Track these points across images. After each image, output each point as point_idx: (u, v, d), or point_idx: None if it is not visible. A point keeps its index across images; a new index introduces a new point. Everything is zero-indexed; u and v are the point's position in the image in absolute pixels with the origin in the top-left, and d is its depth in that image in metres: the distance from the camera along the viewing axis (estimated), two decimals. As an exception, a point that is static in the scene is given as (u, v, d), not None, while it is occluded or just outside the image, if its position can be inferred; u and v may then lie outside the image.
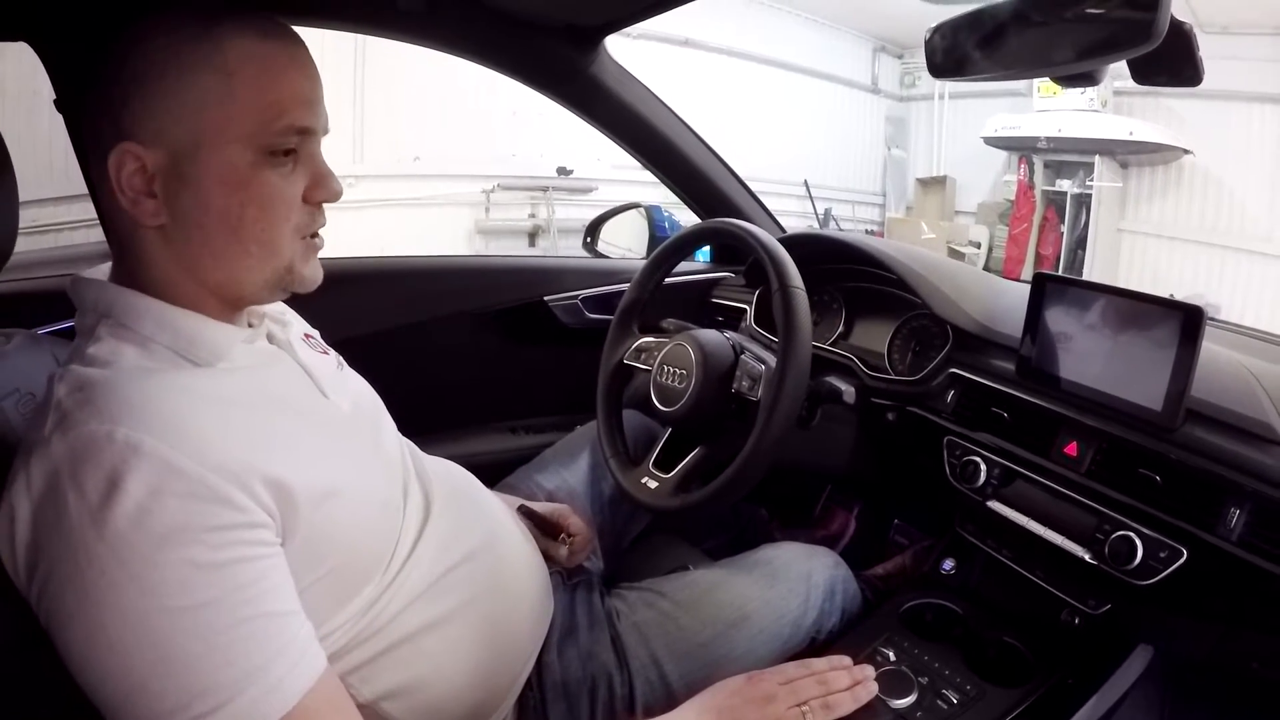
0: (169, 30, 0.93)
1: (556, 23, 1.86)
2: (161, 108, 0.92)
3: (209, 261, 1.00)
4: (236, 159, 0.95)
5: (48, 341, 1.24)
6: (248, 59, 0.94)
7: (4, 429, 1.06)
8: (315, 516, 0.96)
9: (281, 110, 0.96)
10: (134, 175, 0.93)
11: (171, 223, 0.97)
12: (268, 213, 0.98)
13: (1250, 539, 1.16)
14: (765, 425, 1.43)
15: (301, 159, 1.01)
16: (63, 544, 0.81)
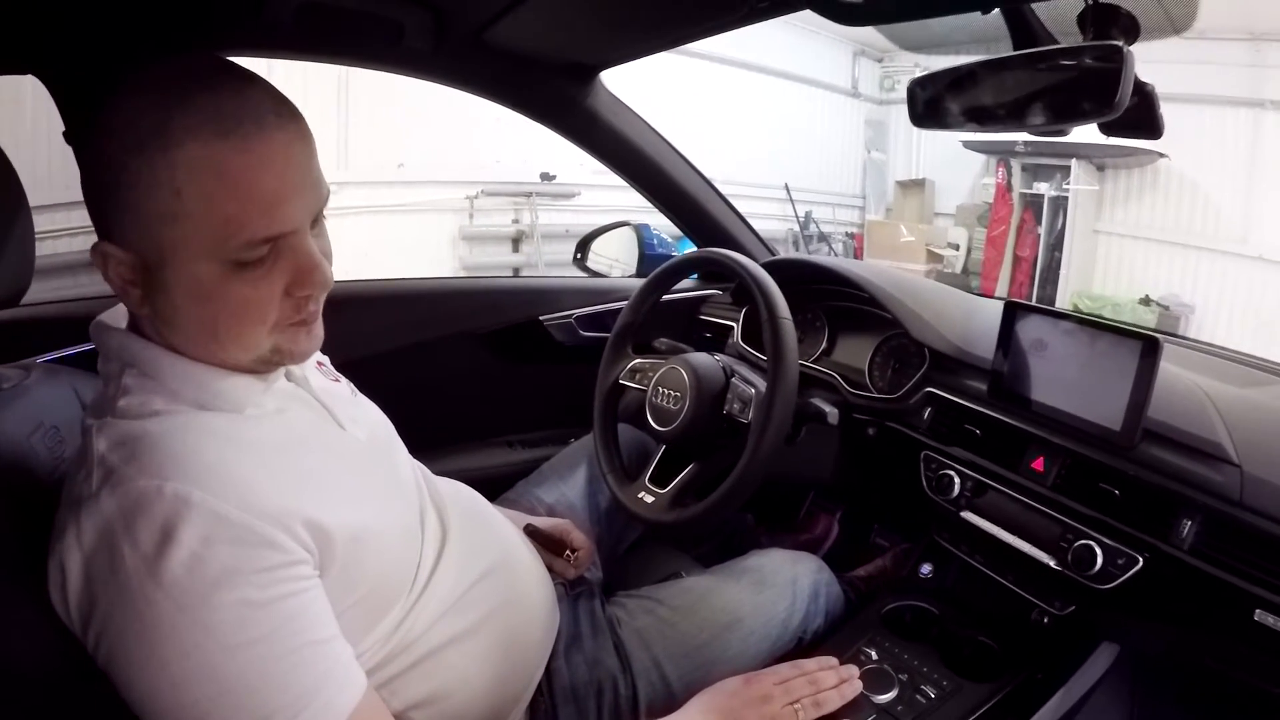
0: (122, 132, 0.87)
1: (558, 60, 1.93)
2: (125, 220, 0.90)
3: (193, 350, 0.99)
4: (202, 273, 0.91)
5: (65, 373, 1.27)
6: (198, 171, 0.87)
7: (34, 464, 1.08)
8: (348, 551, 1.00)
9: (240, 224, 0.89)
10: (118, 267, 0.93)
11: (154, 315, 0.97)
12: (240, 319, 0.96)
13: (1201, 548, 1.25)
14: (756, 446, 1.52)
15: (282, 255, 0.95)
16: (119, 592, 0.84)
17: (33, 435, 1.10)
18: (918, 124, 1.38)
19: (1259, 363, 1.77)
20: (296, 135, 0.93)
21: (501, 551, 1.36)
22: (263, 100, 0.91)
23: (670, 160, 2.32)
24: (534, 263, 9.20)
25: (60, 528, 0.88)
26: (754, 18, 1.48)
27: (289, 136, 0.92)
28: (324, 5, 1.55)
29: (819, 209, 12.15)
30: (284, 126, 0.92)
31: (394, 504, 1.17)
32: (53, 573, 0.88)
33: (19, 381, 1.16)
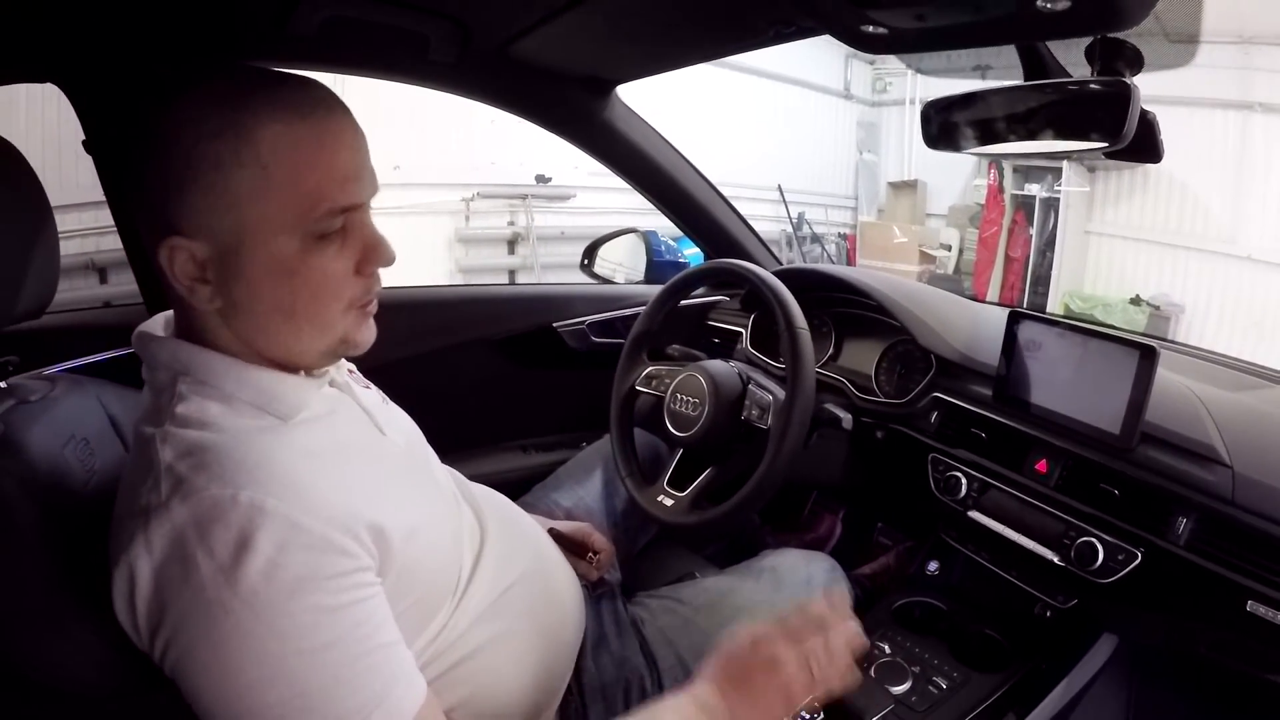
0: (197, 123, 0.91)
1: (577, 74, 1.96)
2: (202, 204, 0.92)
3: (264, 339, 1.01)
4: (283, 249, 0.94)
5: (90, 384, 1.27)
6: (282, 147, 0.92)
7: (69, 478, 1.07)
8: (403, 554, 1.01)
9: (322, 195, 0.94)
10: (186, 264, 0.94)
11: (226, 306, 0.98)
12: (319, 295, 0.99)
13: (1196, 544, 1.31)
14: (776, 451, 1.58)
15: (350, 232, 1.00)
16: (193, 600, 0.84)
17: (65, 448, 1.09)
18: (931, 145, 1.43)
19: (1247, 367, 1.83)
20: (355, 124, 1.00)
21: (534, 554, 1.37)
22: (326, 91, 0.98)
23: (681, 170, 2.35)
24: (530, 265, 9.14)
25: (125, 538, 0.88)
26: (778, 40, 1.52)
27: (352, 122, 0.99)
28: (350, 19, 1.55)
29: (811, 210, 12.07)
30: (346, 113, 0.99)
31: (438, 507, 1.19)
32: (118, 582, 0.88)
33: (46, 394, 1.16)
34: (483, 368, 2.38)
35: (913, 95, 12.21)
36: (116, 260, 5.79)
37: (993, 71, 6.67)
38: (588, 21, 1.57)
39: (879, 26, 1.12)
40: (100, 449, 1.17)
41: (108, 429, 1.23)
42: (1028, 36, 1.22)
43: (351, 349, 1.07)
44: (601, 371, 2.09)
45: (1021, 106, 1.27)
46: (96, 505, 1.03)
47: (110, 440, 1.22)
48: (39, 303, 1.13)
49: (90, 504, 1.05)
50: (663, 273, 2.66)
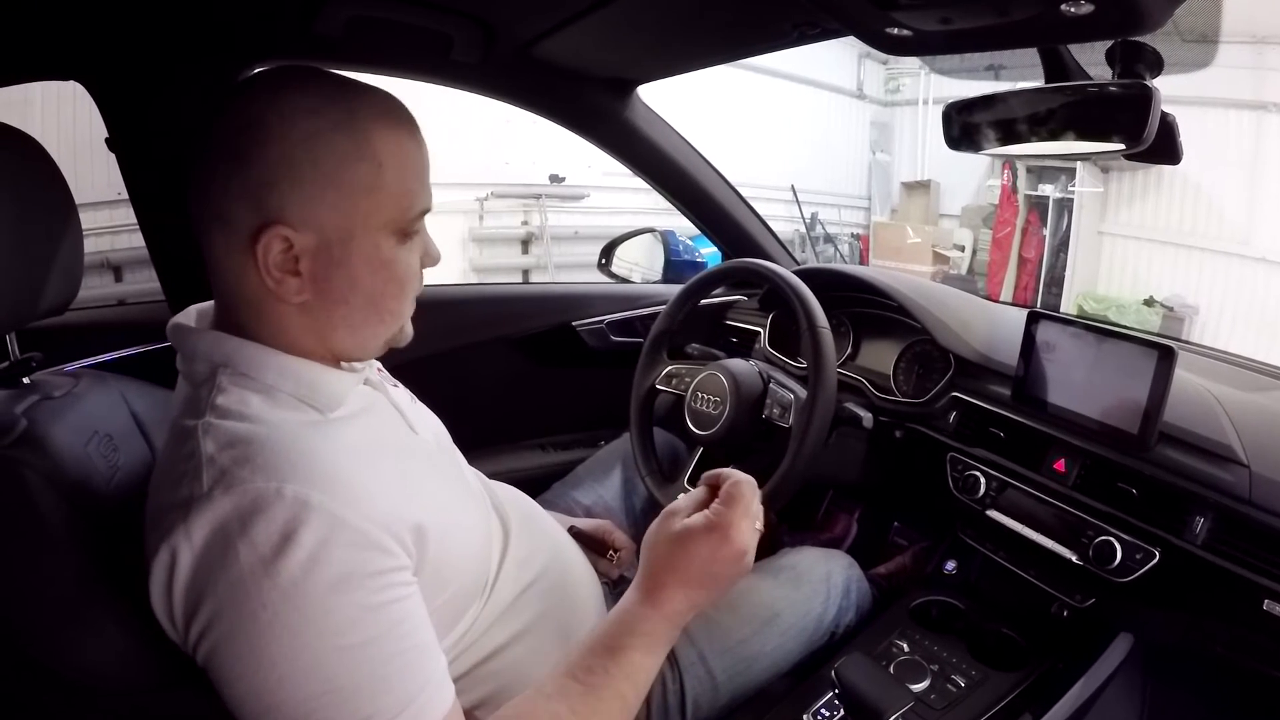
0: (315, 113, 0.93)
1: (599, 74, 1.98)
2: (314, 194, 0.94)
3: (344, 331, 1.03)
4: (383, 243, 0.99)
5: (112, 380, 1.28)
6: (392, 149, 0.97)
7: (93, 474, 1.08)
8: (438, 553, 1.02)
9: (416, 197, 1.01)
10: (279, 255, 0.95)
11: (315, 299, 0.99)
12: (404, 288, 1.05)
13: (1212, 543, 1.31)
14: (798, 449, 1.59)
15: (418, 234, 1.06)
16: (230, 590, 0.84)
17: (89, 444, 1.10)
18: (953, 146, 1.43)
19: (1264, 368, 1.83)
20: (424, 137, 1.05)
21: (554, 552, 1.38)
22: (405, 107, 1.03)
23: (700, 170, 2.36)
24: (544, 264, 9.17)
25: (165, 528, 0.88)
26: (801, 41, 1.54)
27: (423, 136, 1.04)
28: (375, 19, 1.57)
29: (825, 210, 12.07)
30: (419, 128, 1.04)
31: (469, 506, 1.20)
32: (156, 570, 0.88)
33: (70, 390, 1.17)
34: (502, 366, 2.40)
35: (926, 95, 12.23)
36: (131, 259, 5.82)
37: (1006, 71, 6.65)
38: (611, 23, 1.58)
39: (903, 29, 1.13)
40: (124, 445, 1.18)
41: (131, 425, 1.24)
42: (1050, 39, 1.22)
43: (402, 340, 1.11)
44: (620, 370, 2.09)
45: (1042, 108, 1.28)
46: (121, 501, 1.06)
47: (133, 436, 1.23)
48: (63, 299, 1.15)
49: (114, 499, 1.07)
50: (680, 272, 2.68)
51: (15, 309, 1.08)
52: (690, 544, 1.09)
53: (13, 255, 1.03)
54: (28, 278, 1.07)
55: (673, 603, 1.08)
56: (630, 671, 1.04)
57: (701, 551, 1.09)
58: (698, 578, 1.09)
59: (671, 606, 1.08)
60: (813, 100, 12.05)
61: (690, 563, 1.09)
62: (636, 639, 1.06)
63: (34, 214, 1.08)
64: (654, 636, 1.07)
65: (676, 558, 1.10)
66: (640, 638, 1.06)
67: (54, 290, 1.12)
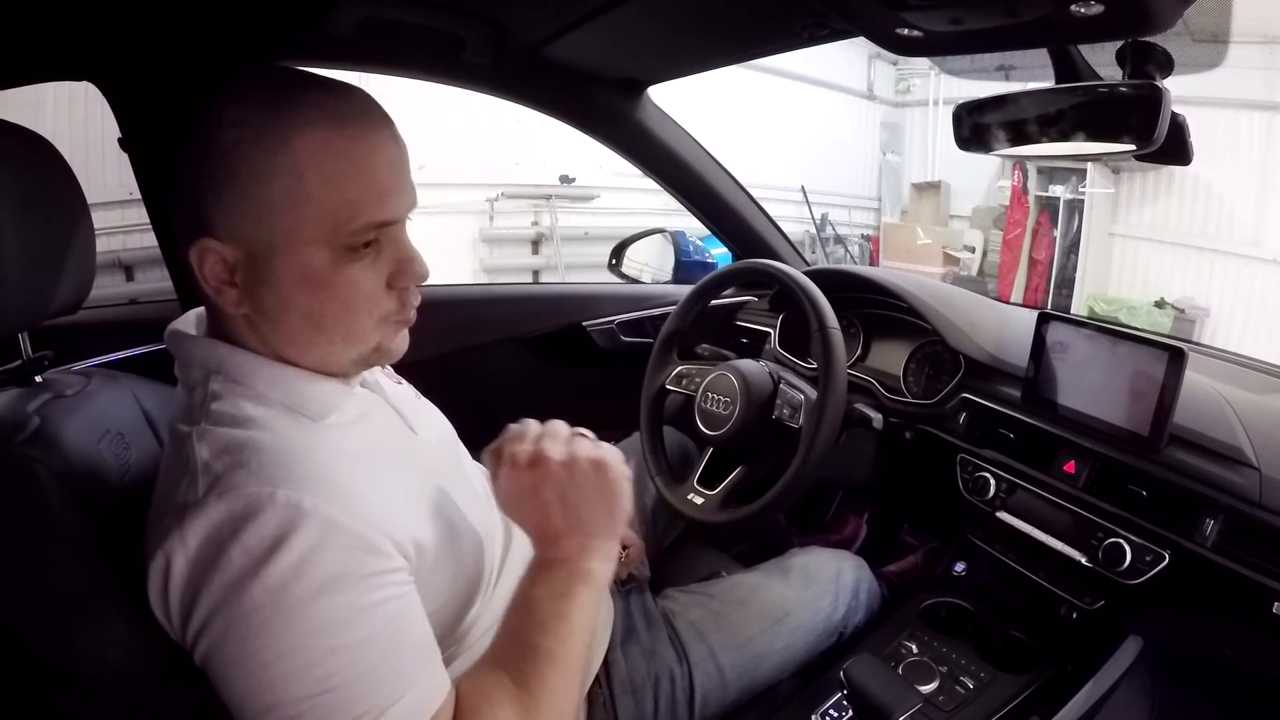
0: (238, 124, 0.91)
1: (610, 75, 1.98)
2: (235, 208, 0.92)
3: (292, 349, 1.01)
4: (314, 260, 0.94)
5: (124, 379, 1.28)
6: (320, 156, 0.92)
7: (104, 472, 1.08)
8: (438, 555, 1.03)
9: (357, 209, 0.94)
10: (215, 266, 0.95)
11: (254, 312, 0.98)
12: (348, 308, 0.98)
13: (1223, 545, 1.31)
14: (808, 450, 1.59)
15: (384, 246, 0.99)
16: (223, 592, 0.85)
17: (100, 442, 1.10)
18: (963, 147, 1.43)
19: (1274, 369, 1.83)
20: (397, 135, 0.99)
21: None
22: (368, 101, 0.98)
23: (711, 171, 2.36)
24: (554, 265, 9.17)
25: (161, 532, 0.89)
26: (812, 42, 1.54)
27: (393, 134, 0.99)
28: (386, 20, 1.57)
29: (834, 211, 12.06)
30: (388, 125, 0.98)
31: (471, 507, 1.19)
32: (154, 574, 0.89)
33: (81, 388, 1.17)
34: (512, 366, 2.40)
35: (936, 96, 12.21)
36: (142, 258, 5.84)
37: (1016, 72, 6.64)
38: (622, 24, 1.58)
39: (914, 29, 1.13)
40: (135, 443, 1.18)
41: (142, 423, 1.24)
42: (1061, 40, 1.22)
43: (385, 358, 1.07)
44: (630, 370, 2.10)
45: (1053, 108, 1.27)
46: (132, 498, 1.05)
47: (145, 435, 1.23)
48: (75, 298, 1.16)
49: (125, 497, 1.07)
50: (690, 273, 2.68)
51: (28, 308, 1.08)
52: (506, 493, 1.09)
53: (25, 255, 1.03)
54: (40, 277, 1.08)
55: (555, 542, 1.07)
56: (545, 623, 1.02)
57: (520, 488, 1.07)
58: (538, 512, 1.07)
59: (555, 546, 1.07)
60: (823, 101, 12.04)
61: (520, 506, 1.09)
62: (540, 589, 1.05)
63: (47, 214, 1.08)
64: (555, 581, 1.05)
65: (510, 513, 1.10)
66: (543, 587, 1.05)
67: (66, 289, 1.12)
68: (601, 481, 1.07)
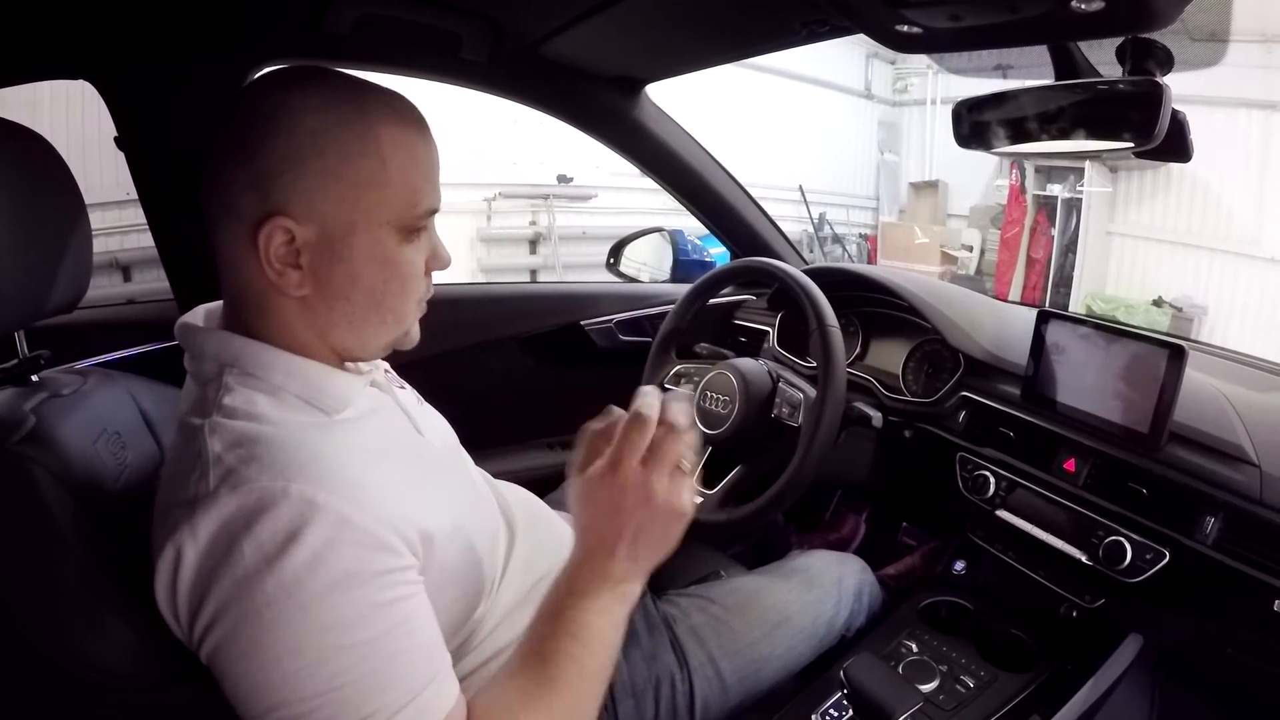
0: (323, 109, 0.95)
1: (608, 73, 1.98)
2: (318, 187, 0.95)
3: (344, 329, 1.03)
4: (385, 239, 0.99)
5: (120, 378, 1.28)
6: (398, 145, 0.98)
7: (101, 471, 1.08)
8: (445, 554, 1.02)
9: (422, 194, 1.01)
10: (282, 247, 0.96)
11: (315, 293, 1.00)
12: (405, 287, 1.03)
13: (1223, 543, 1.31)
14: (807, 449, 1.59)
15: (425, 235, 1.05)
16: (234, 588, 0.84)
17: (97, 441, 1.10)
18: (963, 145, 1.42)
19: (1274, 367, 1.82)
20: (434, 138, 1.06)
21: (561, 551, 1.27)
22: (415, 107, 1.04)
23: (709, 169, 2.36)
24: (551, 264, 9.17)
25: (170, 525, 0.88)
26: (811, 39, 1.53)
27: (433, 136, 1.05)
28: (383, 17, 1.57)
29: (832, 210, 12.07)
30: (429, 128, 1.05)
31: (476, 507, 1.20)
32: (161, 568, 0.88)
33: (78, 387, 1.17)
34: (510, 365, 2.40)
35: (934, 95, 12.24)
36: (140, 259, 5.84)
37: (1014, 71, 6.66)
38: (620, 21, 1.58)
39: (913, 26, 1.13)
40: (132, 443, 1.18)
41: (139, 423, 1.24)
42: (1061, 36, 1.21)
43: (407, 342, 1.10)
44: (628, 369, 2.09)
45: (1053, 106, 1.27)
46: (128, 498, 1.06)
47: (142, 434, 1.23)
48: (72, 297, 1.16)
49: (122, 497, 1.07)
50: (688, 272, 2.67)
51: (24, 307, 1.07)
52: (583, 498, 1.05)
53: (22, 253, 1.03)
54: (36, 276, 1.07)
55: (610, 558, 1.03)
56: (576, 632, 1.00)
57: (598, 500, 1.03)
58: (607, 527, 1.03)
59: (609, 561, 1.03)
60: (821, 100, 12.05)
61: (593, 515, 1.05)
62: (575, 599, 1.01)
63: (43, 212, 1.08)
64: (594, 594, 1.01)
65: (579, 514, 1.06)
66: (579, 598, 1.01)
67: (62, 288, 1.12)
68: (672, 526, 1.04)
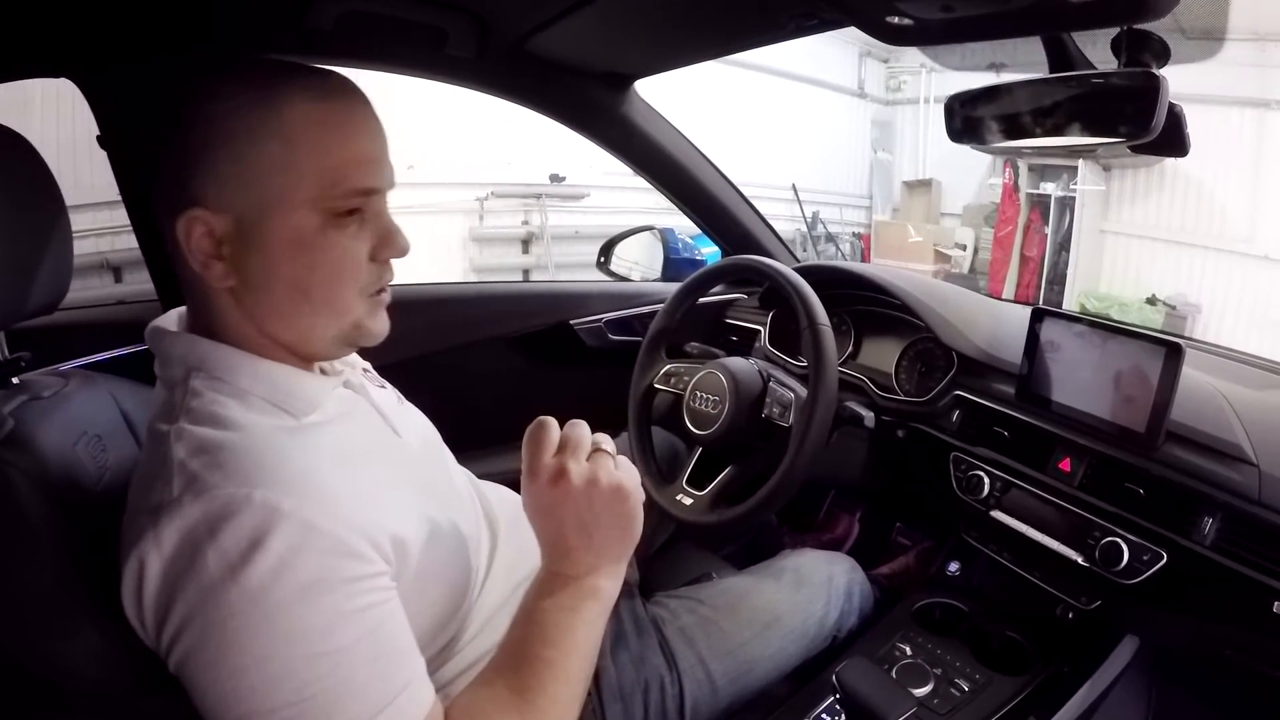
0: (230, 96, 0.93)
1: (596, 69, 1.96)
2: (226, 175, 0.93)
3: (277, 321, 1.01)
4: (302, 223, 0.95)
5: (102, 380, 1.26)
6: (307, 123, 0.94)
7: (80, 474, 1.06)
8: (420, 560, 1.01)
9: (343, 173, 0.96)
10: (202, 239, 0.95)
11: (241, 285, 0.98)
12: (335, 275, 0.99)
13: (1221, 544, 1.29)
14: (799, 449, 1.56)
15: (368, 217, 1.00)
16: (199, 597, 0.83)
17: (77, 444, 1.09)
18: (955, 139, 1.40)
19: (1271, 365, 1.81)
20: (376, 115, 1.02)
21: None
22: (349, 81, 1.01)
23: (699, 166, 2.35)
24: (544, 264, 9.17)
25: (136, 533, 0.87)
26: (799, 33, 1.52)
27: (373, 113, 1.02)
28: (367, 13, 1.56)
29: (826, 209, 12.07)
30: (368, 103, 1.02)
31: (455, 511, 1.18)
32: (127, 577, 0.87)
33: (58, 390, 1.16)
34: (498, 365, 2.38)
35: (927, 94, 12.25)
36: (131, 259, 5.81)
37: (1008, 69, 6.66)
38: (607, 16, 1.57)
39: (904, 17, 1.12)
40: (113, 445, 1.17)
41: (121, 425, 1.23)
42: (1054, 27, 1.20)
43: (365, 338, 1.07)
44: (618, 369, 2.09)
45: (1047, 100, 1.25)
46: (108, 502, 1.03)
47: (123, 436, 1.21)
48: (52, 298, 1.14)
49: (102, 500, 1.05)
50: (679, 270, 2.66)
51: (3, 308, 1.05)
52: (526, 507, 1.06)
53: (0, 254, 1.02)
54: (15, 277, 1.06)
55: (565, 558, 1.06)
56: (548, 634, 1.01)
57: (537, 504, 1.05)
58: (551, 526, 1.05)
59: (565, 561, 1.06)
60: (814, 99, 12.07)
61: (537, 519, 1.06)
62: (542, 601, 1.04)
63: (21, 212, 1.07)
64: (558, 593, 1.04)
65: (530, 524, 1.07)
66: (545, 599, 1.04)
67: (42, 290, 1.10)
68: (619, 507, 1.05)
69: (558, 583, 1.05)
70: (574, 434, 1.07)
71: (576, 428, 1.09)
